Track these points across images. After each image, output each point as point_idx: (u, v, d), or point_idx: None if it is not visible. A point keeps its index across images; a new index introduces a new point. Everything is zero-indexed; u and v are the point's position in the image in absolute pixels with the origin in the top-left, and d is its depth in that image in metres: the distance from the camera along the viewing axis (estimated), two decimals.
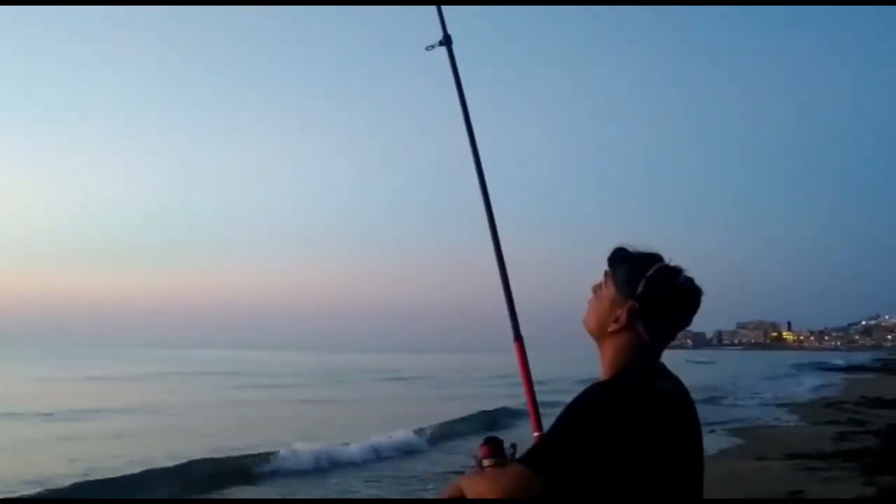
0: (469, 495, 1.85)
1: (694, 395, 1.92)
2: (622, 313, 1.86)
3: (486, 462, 1.96)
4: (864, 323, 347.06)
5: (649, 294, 1.85)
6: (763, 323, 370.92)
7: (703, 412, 1.99)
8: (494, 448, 1.98)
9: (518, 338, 2.30)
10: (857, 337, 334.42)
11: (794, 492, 9.67)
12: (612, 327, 1.88)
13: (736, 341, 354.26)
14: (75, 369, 55.11)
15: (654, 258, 1.89)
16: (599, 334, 1.91)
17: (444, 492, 1.93)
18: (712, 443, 15.28)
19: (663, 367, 1.89)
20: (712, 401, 28.62)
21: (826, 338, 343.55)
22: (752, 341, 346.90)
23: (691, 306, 1.89)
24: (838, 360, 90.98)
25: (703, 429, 1.94)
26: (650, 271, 1.86)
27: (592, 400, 1.77)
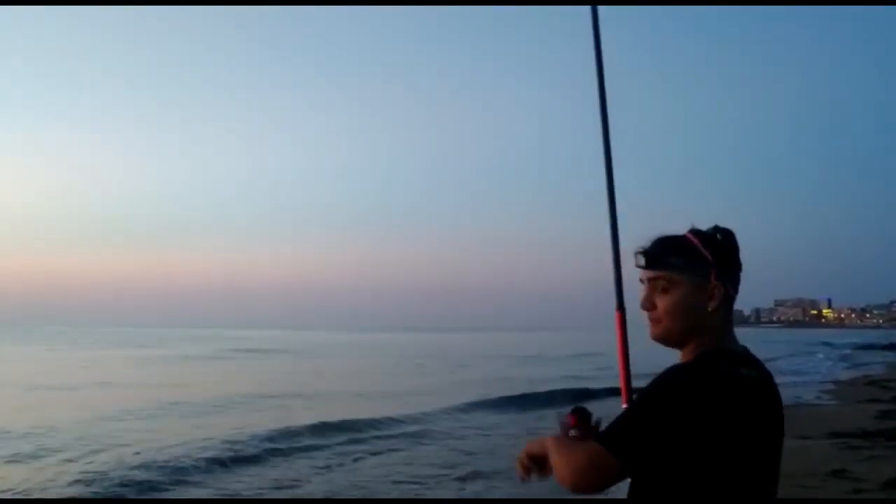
0: (550, 458, 1.85)
1: None
2: (713, 294, 1.80)
3: (572, 432, 1.93)
4: None
5: (718, 261, 1.81)
6: (802, 300, 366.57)
7: None
8: (581, 419, 1.94)
9: (620, 308, 2.29)
10: None
11: (838, 471, 9.49)
12: (705, 319, 1.80)
13: (774, 319, 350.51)
14: (156, 349, 56.35)
15: (679, 237, 1.84)
16: (686, 335, 1.82)
17: (530, 444, 1.94)
18: None
19: (746, 351, 1.82)
20: None
21: (867, 315, 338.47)
22: (791, 319, 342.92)
23: (738, 249, 1.85)
24: (884, 339, 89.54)
25: None
26: (697, 243, 1.81)
27: (673, 383, 1.71)
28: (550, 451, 1.85)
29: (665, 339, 1.85)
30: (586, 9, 2.46)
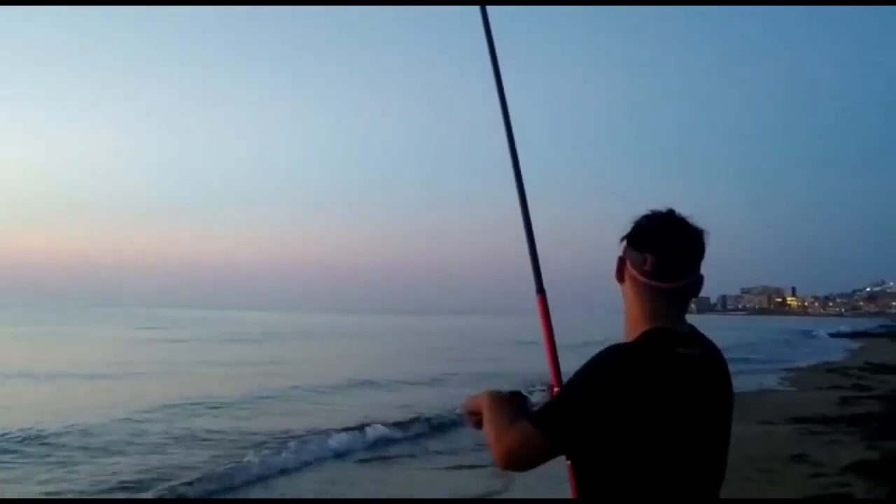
0: (484, 426, 1.87)
1: None
2: (627, 276, 1.84)
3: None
4: (868, 289, 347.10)
5: (632, 243, 1.83)
6: (767, 288, 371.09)
7: None
8: (519, 404, 1.93)
9: (541, 291, 2.25)
10: (861, 303, 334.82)
11: (798, 455, 9.69)
12: (632, 301, 1.84)
13: (740, 306, 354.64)
14: (174, 331, 55.83)
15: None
16: (628, 316, 1.86)
17: (470, 401, 1.96)
18: None
19: (692, 332, 1.83)
20: None
21: (830, 304, 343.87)
22: (757, 307, 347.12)
23: (674, 230, 1.80)
24: (843, 327, 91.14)
25: None
26: (632, 227, 1.85)
27: (603, 362, 1.73)
28: (484, 418, 1.88)
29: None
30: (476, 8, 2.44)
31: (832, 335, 66.78)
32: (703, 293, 1.88)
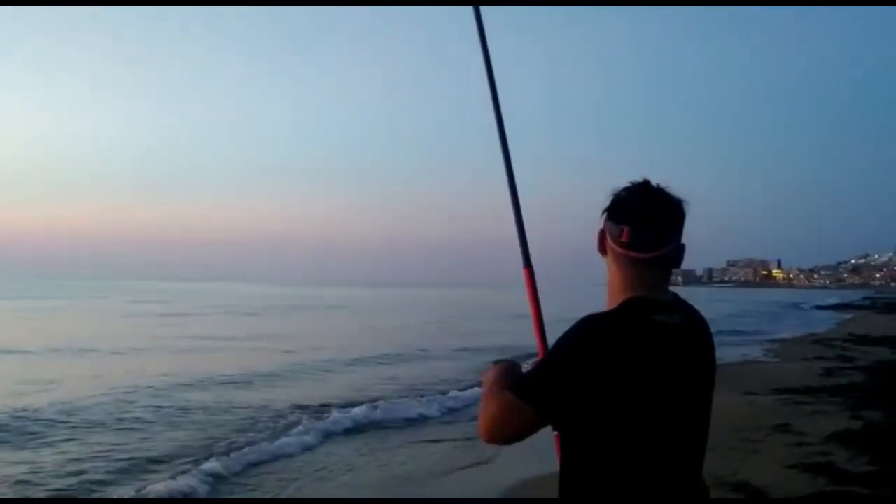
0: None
1: None
2: (606, 247, 1.87)
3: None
4: (853, 262, 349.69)
5: (611, 214, 1.84)
6: (753, 261, 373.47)
7: None
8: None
9: (528, 265, 2.27)
10: (845, 275, 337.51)
11: (781, 425, 9.81)
12: (613, 270, 1.86)
13: (726, 279, 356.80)
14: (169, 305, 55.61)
15: None
16: (609, 286, 1.88)
17: (483, 377, 1.96)
18: None
19: (674, 300, 1.84)
20: None
21: (815, 276, 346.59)
22: (743, 279, 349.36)
23: (649, 200, 1.81)
24: (831, 299, 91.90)
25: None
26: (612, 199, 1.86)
27: (581, 330, 1.75)
28: (484, 386, 1.89)
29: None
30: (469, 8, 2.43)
31: (817, 307, 67.35)
32: (688, 266, 1.90)
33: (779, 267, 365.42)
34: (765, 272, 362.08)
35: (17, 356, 20.87)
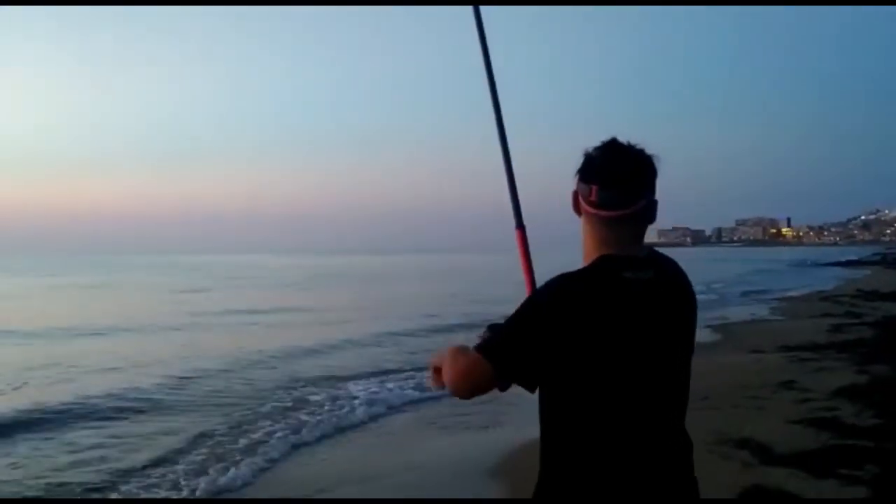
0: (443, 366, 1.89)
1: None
2: (578, 206, 1.87)
3: None
4: (863, 218, 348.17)
5: (581, 174, 1.85)
6: (762, 220, 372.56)
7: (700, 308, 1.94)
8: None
9: (520, 226, 2.26)
10: (856, 232, 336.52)
11: (787, 382, 9.79)
12: (585, 229, 1.86)
13: (735, 238, 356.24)
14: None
15: None
16: (584, 245, 1.89)
17: (436, 357, 1.96)
18: (706, 337, 15.49)
19: (649, 256, 1.84)
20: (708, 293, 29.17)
21: (825, 233, 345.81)
22: (752, 238, 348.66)
23: (615, 158, 1.80)
24: (839, 256, 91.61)
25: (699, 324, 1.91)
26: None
27: (547, 289, 1.76)
28: (445, 360, 1.89)
29: None
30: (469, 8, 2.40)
31: (825, 265, 67.18)
32: (697, 225, 1.91)
33: (788, 225, 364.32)
34: (774, 230, 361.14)
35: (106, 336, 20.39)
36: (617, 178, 1.78)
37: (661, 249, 1.90)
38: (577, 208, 1.89)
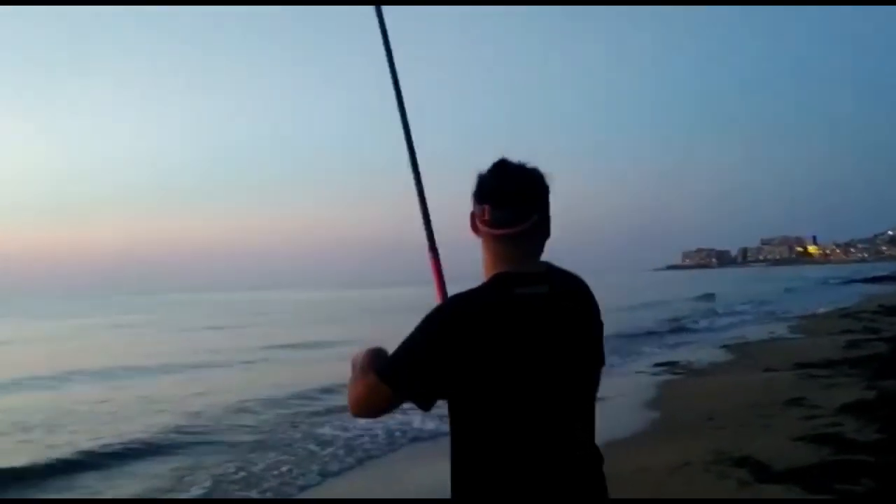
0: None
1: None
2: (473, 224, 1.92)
3: None
4: (889, 232, 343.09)
5: (476, 193, 1.90)
6: (787, 238, 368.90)
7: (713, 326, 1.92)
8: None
9: (432, 249, 2.26)
10: (883, 247, 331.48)
11: (795, 399, 9.73)
12: (483, 247, 1.91)
13: (761, 258, 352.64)
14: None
15: None
16: (484, 264, 1.94)
17: (352, 358, 1.99)
18: (720, 357, 15.41)
19: (547, 271, 1.88)
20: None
21: (852, 250, 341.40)
22: (778, 257, 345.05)
23: (504, 177, 1.85)
24: (866, 273, 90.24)
25: (709, 344, 1.88)
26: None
27: (439, 309, 1.83)
28: (350, 377, 1.95)
29: None
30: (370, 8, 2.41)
31: (850, 281, 66.34)
32: (722, 246, 1.87)
33: (814, 243, 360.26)
34: (800, 249, 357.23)
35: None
36: (507, 197, 1.82)
37: (686, 271, 1.85)
38: (474, 229, 1.92)
